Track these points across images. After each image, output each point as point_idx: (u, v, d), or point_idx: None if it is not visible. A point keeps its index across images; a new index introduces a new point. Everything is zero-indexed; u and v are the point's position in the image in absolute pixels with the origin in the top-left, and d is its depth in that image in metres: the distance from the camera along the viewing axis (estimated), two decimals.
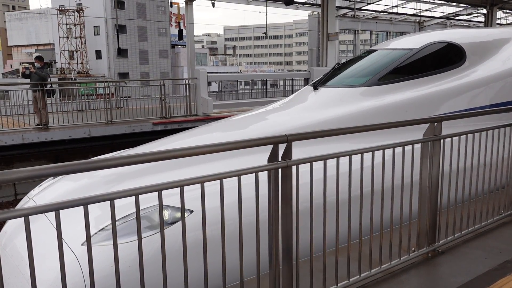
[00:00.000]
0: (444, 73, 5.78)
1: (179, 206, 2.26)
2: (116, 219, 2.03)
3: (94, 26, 49.23)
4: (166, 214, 3.50)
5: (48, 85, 11.64)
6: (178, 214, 3.45)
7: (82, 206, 1.89)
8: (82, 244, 3.28)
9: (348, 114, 5.20)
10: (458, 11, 25.34)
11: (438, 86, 5.62)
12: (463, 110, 5.49)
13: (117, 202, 1.99)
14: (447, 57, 6.04)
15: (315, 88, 6.01)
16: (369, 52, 6.77)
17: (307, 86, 6.60)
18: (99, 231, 3.41)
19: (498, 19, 23.64)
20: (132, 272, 2.58)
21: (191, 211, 3.42)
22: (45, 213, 2.05)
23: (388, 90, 5.52)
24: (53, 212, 1.83)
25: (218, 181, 2.31)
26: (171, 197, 2.22)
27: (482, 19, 23.75)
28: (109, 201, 1.97)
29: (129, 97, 15.95)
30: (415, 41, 6.28)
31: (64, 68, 48.58)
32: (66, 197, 3.21)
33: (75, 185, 4.30)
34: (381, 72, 5.76)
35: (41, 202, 4.03)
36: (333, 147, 3.05)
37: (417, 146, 3.31)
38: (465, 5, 23.48)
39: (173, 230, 3.27)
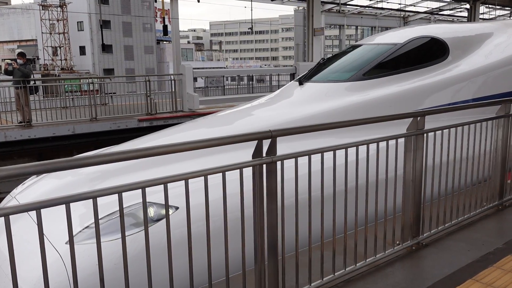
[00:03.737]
0: (427, 68, 5.83)
1: (162, 202, 2.24)
2: (101, 217, 2.01)
3: (77, 22, 48.55)
4: (151, 211, 3.48)
5: (31, 82, 11.46)
6: (163, 211, 3.43)
7: (61, 205, 1.86)
8: (66, 243, 3.25)
9: (333, 109, 5.22)
10: (442, 6, 25.59)
11: (422, 80, 5.66)
12: (446, 104, 5.54)
13: (101, 200, 1.97)
14: (431, 52, 6.09)
15: (300, 83, 6.02)
16: (354, 47, 6.79)
17: (292, 81, 6.61)
18: (84, 229, 3.37)
19: (481, 13, 23.94)
20: (117, 270, 2.56)
21: (177, 208, 3.40)
22: (28, 212, 2.03)
23: (373, 85, 5.55)
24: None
25: (203, 177, 2.30)
26: (157, 194, 2.21)
27: (465, 14, 24.02)
28: (92, 199, 1.95)
29: (114, 93, 15.79)
30: (399, 36, 6.33)
31: (47, 65, 47.86)
32: (50, 195, 3.17)
33: (58, 183, 4.25)
34: (365, 67, 5.79)
35: (23, 201, 3.97)
36: (318, 142, 3.06)
37: (401, 141, 3.34)
38: (448, 0, 23.72)
39: (158, 227, 3.26)
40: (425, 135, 3.44)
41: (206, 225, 2.37)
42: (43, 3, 47.39)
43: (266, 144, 2.52)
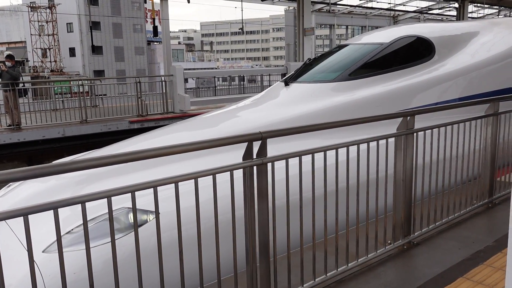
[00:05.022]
0: (413, 67, 5.83)
1: (146, 208, 2.21)
2: (79, 224, 1.97)
3: (67, 23, 48.19)
4: (131, 218, 3.40)
5: (20, 84, 11.35)
6: (145, 217, 3.38)
7: (48, 211, 1.82)
8: (43, 251, 3.15)
9: (319, 109, 5.19)
10: (431, 5, 25.76)
11: (408, 80, 5.66)
12: (433, 103, 5.54)
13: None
14: (417, 51, 6.09)
15: (286, 84, 5.98)
16: (340, 47, 6.77)
17: (278, 82, 6.56)
18: (63, 235, 3.27)
19: (470, 12, 24.14)
20: (99, 278, 2.48)
21: (152, 212, 3.32)
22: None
23: (359, 85, 5.54)
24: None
25: (191, 180, 2.29)
26: (139, 198, 2.15)
27: (454, 13, 24.21)
28: (79, 204, 1.92)
29: (105, 95, 15.68)
30: (385, 36, 6.32)
31: (37, 67, 47.45)
32: (33, 200, 3.12)
33: (42, 186, 4.12)
34: (351, 67, 5.78)
35: (6, 205, 3.91)
36: (306, 143, 3.04)
37: (391, 140, 3.35)
38: None
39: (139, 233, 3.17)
40: (415, 134, 3.46)
41: (197, 228, 2.36)
42: (31, 5, 46.96)
43: (256, 146, 2.52)
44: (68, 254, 2.91)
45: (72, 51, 49.29)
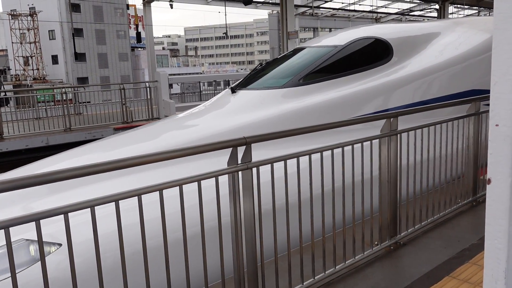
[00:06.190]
0: (369, 71, 5.55)
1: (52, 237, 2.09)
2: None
3: (49, 30, 47.66)
4: (32, 250, 3.11)
5: (2, 94, 11.19)
6: (48, 249, 3.03)
7: None
8: None
9: (266, 118, 4.87)
10: (412, 7, 26.11)
11: (362, 84, 5.37)
12: (392, 108, 5.25)
13: None
14: (374, 54, 5.81)
15: (233, 91, 5.63)
16: (296, 50, 6.44)
17: (226, 89, 6.17)
18: None
19: (450, 13, 24.52)
20: None
21: (60, 245, 3.04)
22: None
23: (310, 91, 5.23)
24: None
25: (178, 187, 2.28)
26: (45, 227, 1.88)
27: (435, 14, 24.56)
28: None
29: (89, 102, 15.53)
30: (342, 38, 6.05)
31: (19, 75, 46.77)
32: None
33: None
34: (302, 72, 5.46)
35: None
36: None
37: (375, 142, 3.37)
38: (418, 1, 24.22)
39: (36, 268, 2.69)
40: (398, 135, 3.49)
41: (183, 234, 2.34)
42: (12, 12, 46.34)
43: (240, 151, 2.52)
44: None
45: (54, 59, 48.76)
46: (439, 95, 5.64)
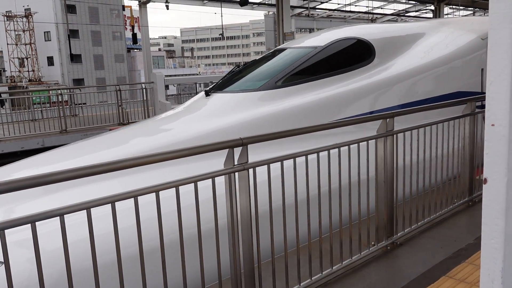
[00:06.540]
0: (350, 72, 5.35)
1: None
2: None
3: (44, 32, 47.51)
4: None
5: None
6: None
7: None
8: None
9: (241, 122, 4.71)
10: (408, 7, 26.21)
11: (342, 87, 5.20)
12: (376, 111, 5.11)
13: None
14: (354, 55, 5.64)
15: (207, 94, 5.43)
16: (276, 51, 6.24)
17: (201, 92, 5.94)
18: None
19: (446, 14, 24.62)
20: None
21: (1, 263, 3.01)
22: None
23: (287, 93, 5.05)
24: None
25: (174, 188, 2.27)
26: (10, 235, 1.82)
27: (431, 15, 24.65)
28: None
29: (85, 103, 15.49)
30: (323, 38, 5.88)
31: (14, 76, 46.61)
32: None
33: None
34: (280, 73, 5.27)
35: None
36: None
37: (372, 142, 3.38)
38: (414, 2, 24.31)
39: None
40: (394, 136, 3.50)
41: (180, 236, 2.34)
42: (7, 14, 46.17)
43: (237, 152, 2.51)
44: None
45: (50, 60, 48.59)
46: (422, 98, 5.49)
